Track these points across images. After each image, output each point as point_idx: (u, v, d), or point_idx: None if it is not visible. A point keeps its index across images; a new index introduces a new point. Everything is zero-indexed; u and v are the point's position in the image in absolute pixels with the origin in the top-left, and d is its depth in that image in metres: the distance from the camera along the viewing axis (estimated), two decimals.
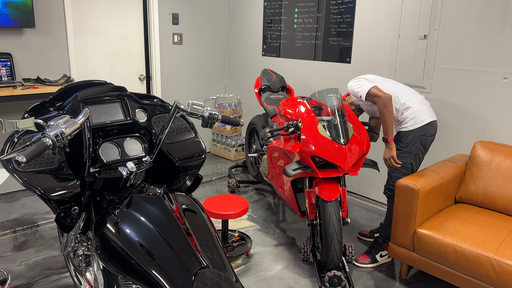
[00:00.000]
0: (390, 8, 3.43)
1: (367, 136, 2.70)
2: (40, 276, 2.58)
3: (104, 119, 1.71)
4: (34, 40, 3.69)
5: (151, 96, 1.96)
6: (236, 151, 5.04)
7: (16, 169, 1.50)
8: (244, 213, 2.81)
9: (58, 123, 1.34)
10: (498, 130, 2.93)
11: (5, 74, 3.49)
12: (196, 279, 1.31)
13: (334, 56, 3.95)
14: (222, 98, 1.79)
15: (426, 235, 2.37)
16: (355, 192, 3.98)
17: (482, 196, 2.63)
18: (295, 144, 2.71)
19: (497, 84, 2.89)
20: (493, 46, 2.88)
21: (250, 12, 4.81)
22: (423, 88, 3.28)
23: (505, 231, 2.31)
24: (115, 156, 1.70)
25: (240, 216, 2.78)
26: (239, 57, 5.07)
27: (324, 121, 2.66)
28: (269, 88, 3.91)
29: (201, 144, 1.92)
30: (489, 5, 2.86)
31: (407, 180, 2.46)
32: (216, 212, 2.75)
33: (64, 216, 1.55)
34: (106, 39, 4.22)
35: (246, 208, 2.82)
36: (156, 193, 1.57)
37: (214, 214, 2.76)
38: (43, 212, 3.45)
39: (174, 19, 4.62)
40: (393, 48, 3.45)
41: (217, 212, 2.75)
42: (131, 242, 1.38)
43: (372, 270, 2.75)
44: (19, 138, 1.58)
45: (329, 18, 3.93)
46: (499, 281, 2.09)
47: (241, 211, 2.79)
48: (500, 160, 2.62)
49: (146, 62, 4.59)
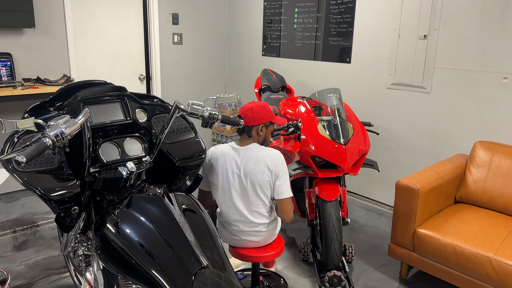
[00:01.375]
0: (390, 8, 3.43)
1: (367, 136, 2.70)
2: (40, 276, 2.58)
3: (104, 119, 1.71)
4: (34, 40, 3.69)
5: (151, 96, 1.96)
6: None
7: (16, 169, 1.50)
8: (280, 254, 2.20)
9: (58, 123, 1.34)
10: (498, 130, 2.93)
11: (5, 74, 3.49)
12: (196, 279, 1.31)
13: (334, 56, 3.95)
14: (222, 98, 1.79)
15: (426, 235, 2.37)
16: (355, 192, 3.98)
17: (482, 196, 2.63)
18: (295, 144, 2.71)
19: (497, 84, 2.89)
20: (493, 46, 2.88)
21: (250, 12, 4.81)
22: (423, 88, 3.28)
23: (505, 231, 2.31)
24: (115, 156, 1.70)
25: (274, 258, 2.19)
26: (239, 57, 5.07)
27: (324, 121, 2.66)
28: (269, 88, 3.91)
29: (201, 144, 1.92)
30: (489, 5, 2.86)
31: (407, 180, 2.46)
32: (244, 254, 2.14)
33: (64, 216, 1.55)
34: (106, 39, 4.22)
35: (282, 248, 2.20)
36: (156, 193, 1.56)
37: (241, 255, 2.15)
38: (43, 212, 3.45)
39: (174, 19, 4.62)
40: (393, 48, 3.45)
41: (245, 254, 2.14)
42: (131, 242, 1.38)
43: (372, 270, 2.75)
44: (19, 138, 1.58)
45: (329, 18, 3.93)
46: (499, 281, 2.09)
47: (277, 251, 2.16)
48: (500, 160, 2.62)
49: (146, 62, 4.59)
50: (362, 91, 3.75)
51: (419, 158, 3.41)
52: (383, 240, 3.15)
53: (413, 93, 3.36)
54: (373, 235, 3.23)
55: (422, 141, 3.36)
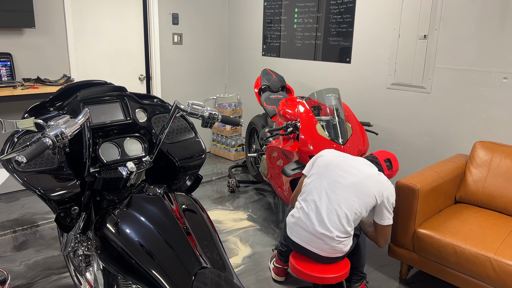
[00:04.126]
0: (390, 8, 3.43)
1: (366, 136, 2.70)
2: (40, 276, 2.58)
3: (104, 119, 1.71)
4: (34, 40, 3.69)
5: (151, 96, 1.96)
6: (236, 151, 5.04)
7: (16, 169, 1.50)
8: (345, 276, 2.09)
9: (58, 123, 1.34)
10: (498, 130, 2.93)
11: (5, 74, 3.49)
12: (196, 279, 1.31)
13: (334, 56, 3.95)
14: (222, 98, 1.79)
15: (426, 235, 2.37)
16: None
17: (482, 196, 2.63)
18: (294, 144, 2.71)
19: (497, 84, 2.89)
20: (493, 46, 2.88)
21: (250, 12, 4.81)
22: (423, 88, 3.28)
23: (505, 231, 2.31)
24: (115, 156, 1.70)
25: (341, 280, 2.07)
26: (239, 57, 5.07)
27: (323, 121, 2.66)
28: (269, 88, 3.91)
29: (201, 144, 1.92)
30: (489, 5, 2.86)
31: (407, 180, 2.46)
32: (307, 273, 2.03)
33: (64, 216, 1.55)
34: (106, 39, 4.22)
35: (347, 271, 2.10)
36: (156, 193, 1.57)
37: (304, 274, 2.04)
38: (43, 212, 3.45)
39: (174, 19, 4.62)
40: (393, 48, 3.45)
41: (309, 273, 2.03)
42: (131, 242, 1.38)
43: (372, 270, 2.75)
44: (19, 138, 1.58)
45: (329, 18, 3.93)
46: (499, 281, 2.09)
47: (343, 274, 2.06)
48: (500, 160, 2.62)
49: (146, 62, 4.59)
50: (362, 91, 3.75)
51: (419, 158, 3.41)
52: None
53: (413, 93, 3.36)
54: None
55: (422, 141, 3.37)
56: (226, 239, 3.11)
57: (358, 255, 2.34)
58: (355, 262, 2.35)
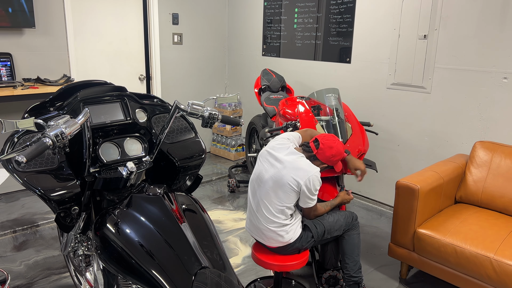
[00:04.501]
0: (390, 8, 3.43)
1: (366, 136, 2.70)
2: (40, 276, 2.58)
3: (104, 119, 1.71)
4: (34, 40, 3.69)
5: (151, 96, 1.96)
6: (236, 151, 5.04)
7: (16, 169, 1.50)
8: (304, 264, 2.22)
9: (58, 123, 1.34)
10: (498, 130, 2.93)
11: (5, 74, 3.49)
12: (196, 279, 1.31)
13: (334, 56, 3.95)
14: (222, 98, 1.79)
15: (426, 235, 2.37)
16: (355, 192, 3.98)
17: (482, 196, 2.63)
18: None
19: (497, 84, 2.89)
20: (493, 46, 2.88)
21: (250, 12, 4.81)
22: (423, 88, 3.28)
23: (505, 231, 2.31)
24: (115, 156, 1.70)
25: (299, 267, 2.21)
26: (239, 57, 5.07)
27: (323, 121, 2.66)
28: (269, 88, 3.91)
29: (201, 144, 1.92)
30: (489, 5, 2.86)
31: (407, 180, 2.46)
32: (267, 262, 2.16)
33: (64, 216, 1.55)
34: (106, 39, 4.22)
35: (306, 258, 2.22)
36: (156, 193, 1.57)
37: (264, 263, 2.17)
38: (43, 212, 3.45)
39: (174, 19, 4.62)
40: (393, 48, 3.45)
41: (268, 262, 2.15)
42: (131, 242, 1.38)
43: (372, 270, 2.75)
44: (19, 138, 1.58)
45: (329, 18, 3.93)
46: (499, 281, 2.09)
47: (301, 261, 2.19)
48: (500, 160, 2.62)
49: (146, 62, 4.59)
50: (362, 91, 3.75)
51: (419, 158, 3.41)
52: (383, 240, 3.15)
53: (413, 93, 3.36)
54: (373, 235, 3.23)
55: (422, 141, 3.37)
56: (226, 239, 3.11)
57: (344, 257, 2.30)
58: (343, 264, 2.31)
